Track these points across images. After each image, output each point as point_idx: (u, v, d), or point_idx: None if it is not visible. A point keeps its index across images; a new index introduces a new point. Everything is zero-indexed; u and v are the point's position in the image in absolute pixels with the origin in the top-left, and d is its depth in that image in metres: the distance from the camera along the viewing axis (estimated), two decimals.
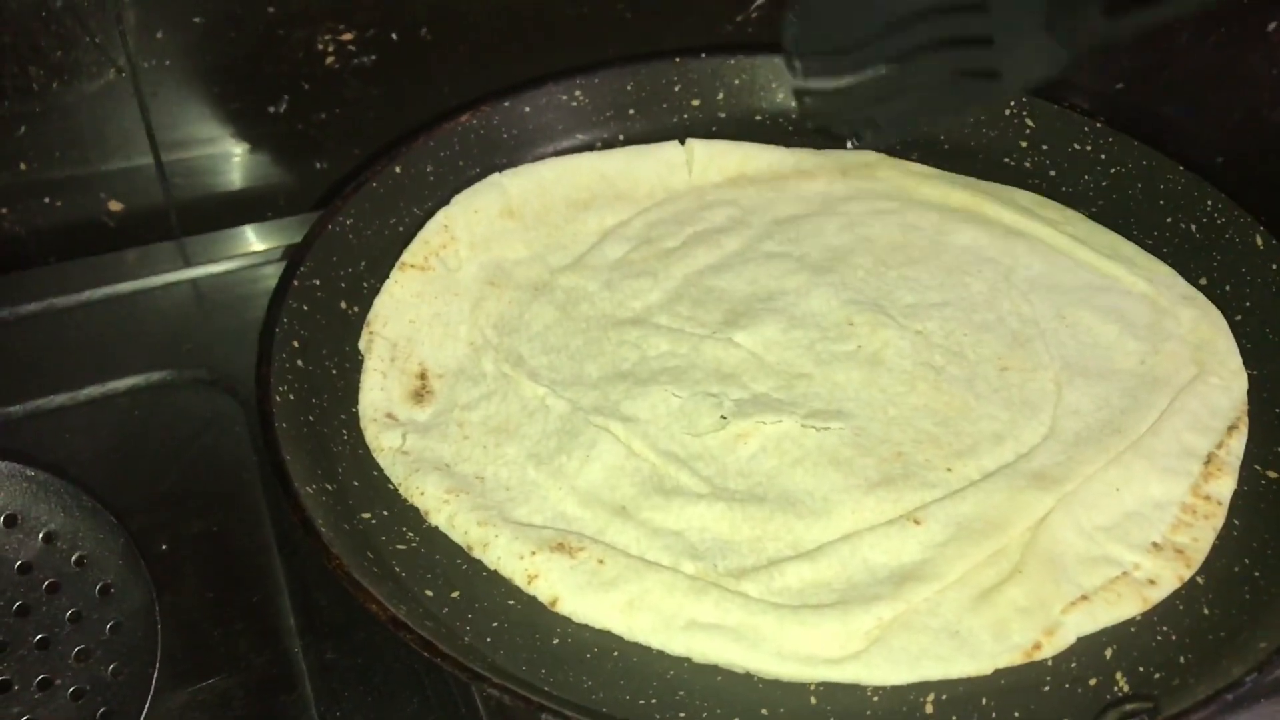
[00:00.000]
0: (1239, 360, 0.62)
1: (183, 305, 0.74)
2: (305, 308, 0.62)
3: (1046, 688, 0.50)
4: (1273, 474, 0.58)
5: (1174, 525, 0.55)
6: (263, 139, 0.80)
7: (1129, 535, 0.54)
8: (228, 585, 0.59)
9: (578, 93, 0.77)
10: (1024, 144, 0.77)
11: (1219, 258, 0.67)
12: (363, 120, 0.80)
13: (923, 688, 0.49)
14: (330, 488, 0.56)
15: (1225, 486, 0.57)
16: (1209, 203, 0.68)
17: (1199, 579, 0.53)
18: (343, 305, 0.65)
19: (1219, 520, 0.55)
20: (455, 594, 0.53)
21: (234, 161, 0.80)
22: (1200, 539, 0.55)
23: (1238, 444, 0.58)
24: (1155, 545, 0.54)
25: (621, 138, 0.77)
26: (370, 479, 0.58)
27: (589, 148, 0.76)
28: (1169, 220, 0.70)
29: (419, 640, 0.47)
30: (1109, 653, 0.51)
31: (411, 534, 0.55)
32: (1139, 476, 0.56)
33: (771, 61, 0.79)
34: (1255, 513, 0.56)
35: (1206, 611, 0.52)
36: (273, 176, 0.81)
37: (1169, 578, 0.53)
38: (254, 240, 0.78)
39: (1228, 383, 0.61)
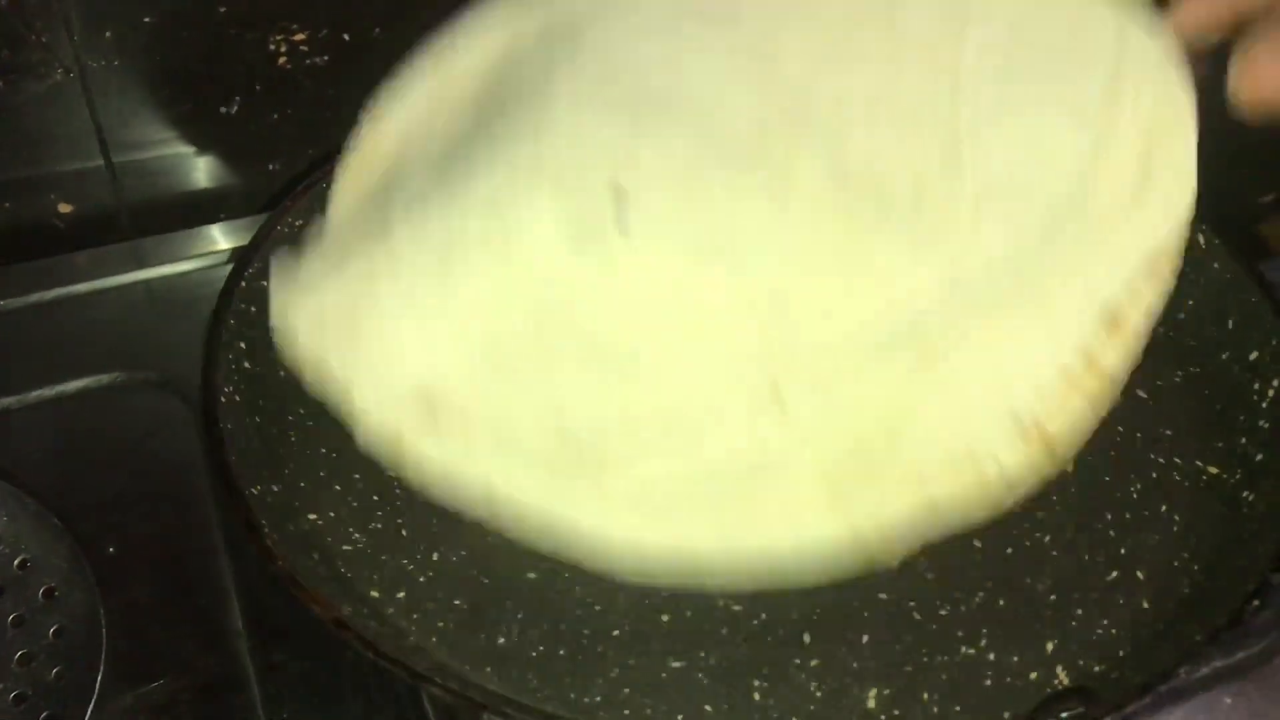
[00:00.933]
0: (1191, 176, 0.53)
1: (134, 307, 0.74)
2: (253, 309, 0.62)
3: (988, 681, 0.50)
4: (1213, 469, 0.59)
5: (1050, 404, 0.49)
6: (215, 140, 0.79)
7: (995, 422, 0.48)
8: (175, 588, 0.59)
9: None
10: None
11: None
12: (316, 121, 0.80)
13: (864, 682, 0.50)
14: (276, 489, 0.56)
15: (1116, 357, 0.49)
16: None
17: (1139, 574, 0.54)
18: None
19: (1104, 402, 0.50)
20: (401, 594, 0.53)
21: (186, 163, 0.80)
22: (1074, 423, 0.49)
23: (1154, 295, 0.52)
24: (1025, 430, 0.48)
25: None
26: (318, 480, 0.57)
27: None
28: None
29: (361, 640, 0.47)
30: (1050, 646, 0.51)
31: (358, 535, 0.55)
32: (1027, 343, 0.50)
33: None
34: (1195, 508, 0.57)
35: (1146, 605, 0.53)
36: (225, 178, 0.81)
37: (1026, 475, 0.48)
38: (207, 242, 0.77)
39: (1168, 208, 0.53)
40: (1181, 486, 0.58)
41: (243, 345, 0.60)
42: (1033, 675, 0.50)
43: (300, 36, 0.76)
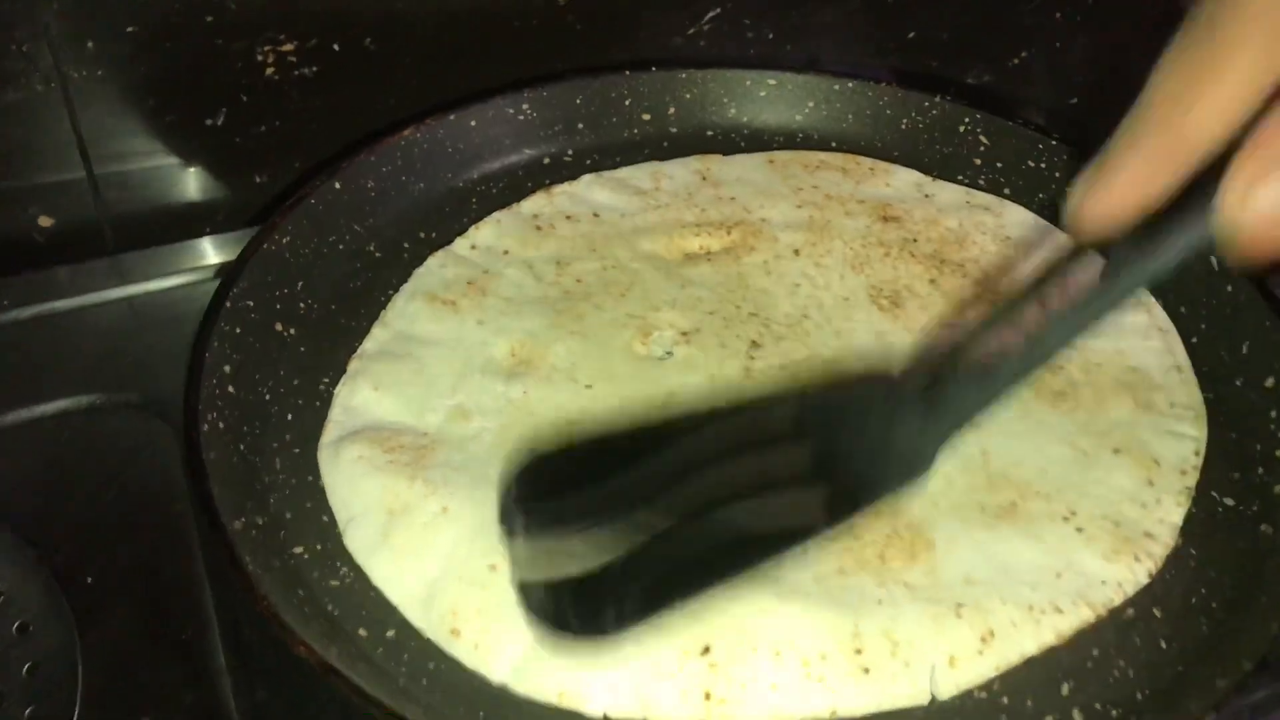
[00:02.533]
0: None
1: (116, 325, 0.71)
2: (238, 330, 0.60)
3: None
4: (1229, 501, 0.57)
5: None
6: (200, 152, 0.77)
7: None
8: (155, 620, 0.56)
9: (525, 106, 0.75)
10: (978, 161, 0.76)
11: (1174, 278, 0.66)
12: (304, 133, 0.78)
13: None
14: (261, 521, 0.54)
15: None
16: None
17: (1156, 611, 0.52)
18: (278, 327, 0.63)
19: None
20: (390, 633, 0.51)
21: (170, 175, 0.77)
22: None
23: None
24: None
25: (570, 152, 0.76)
26: (304, 511, 0.55)
27: (537, 163, 0.75)
28: None
29: (350, 686, 0.45)
30: (1065, 689, 0.49)
31: (346, 569, 0.53)
32: None
33: (723, 75, 0.78)
34: (1212, 542, 0.55)
35: (1164, 646, 0.51)
36: (211, 191, 0.79)
37: None
38: (192, 256, 0.75)
39: None
40: (1197, 519, 0.56)
41: (227, 370, 0.58)
42: (1048, 719, 0.48)
43: (288, 47, 0.74)
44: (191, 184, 0.78)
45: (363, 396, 0.59)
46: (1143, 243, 0.37)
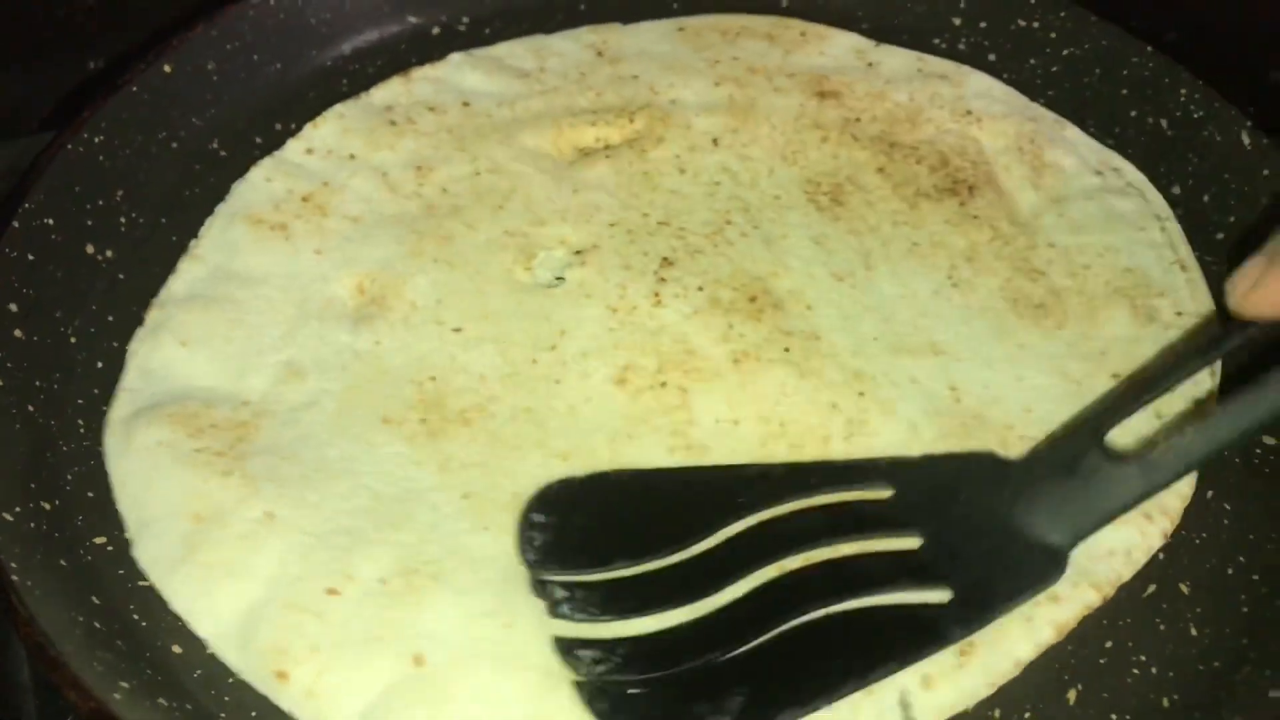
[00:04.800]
0: None
1: None
2: (31, 257, 0.48)
3: None
4: (1270, 440, 0.47)
5: None
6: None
7: None
8: None
9: None
10: (958, 21, 0.64)
11: (1195, 160, 0.56)
12: (130, 3, 0.65)
13: None
14: (49, 505, 0.43)
15: None
16: (1184, 91, 0.57)
17: (1183, 587, 0.42)
18: (89, 250, 0.51)
19: None
20: (213, 650, 0.40)
21: None
22: None
23: None
24: None
25: (466, 20, 0.63)
26: (111, 490, 0.44)
27: (423, 34, 0.62)
28: (1134, 113, 0.59)
29: None
30: (1072, 696, 0.41)
31: None
32: None
33: None
34: (1246, 490, 0.45)
35: (1194, 633, 0.42)
36: (17, 80, 0.66)
37: None
38: None
39: None
40: (1225, 461, 0.46)
41: (14, 308, 0.48)
42: None
43: None
44: None
45: (166, 355, 0.48)
46: None
